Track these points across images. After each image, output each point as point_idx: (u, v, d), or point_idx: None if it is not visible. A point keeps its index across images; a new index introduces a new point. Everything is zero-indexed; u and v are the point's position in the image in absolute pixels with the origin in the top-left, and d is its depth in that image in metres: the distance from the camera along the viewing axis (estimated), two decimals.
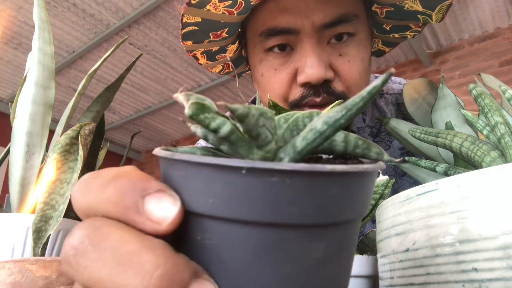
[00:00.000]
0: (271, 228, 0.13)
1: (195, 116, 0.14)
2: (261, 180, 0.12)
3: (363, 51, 0.50)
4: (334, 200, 0.13)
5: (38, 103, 0.45)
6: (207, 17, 0.48)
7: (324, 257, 0.13)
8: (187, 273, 0.13)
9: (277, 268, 0.13)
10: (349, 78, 0.49)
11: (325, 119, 0.14)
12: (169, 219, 0.13)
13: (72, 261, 0.13)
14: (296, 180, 0.12)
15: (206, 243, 0.13)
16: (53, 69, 0.47)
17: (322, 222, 0.13)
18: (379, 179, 0.46)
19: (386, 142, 0.62)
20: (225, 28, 0.52)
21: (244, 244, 0.13)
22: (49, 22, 0.46)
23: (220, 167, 0.12)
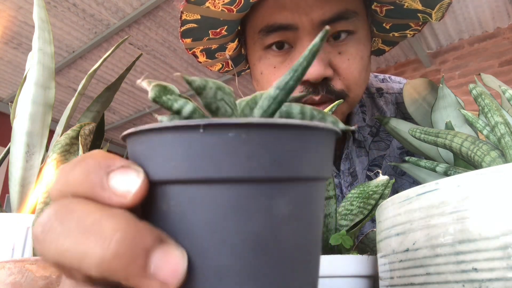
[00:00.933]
0: (232, 185, 0.13)
1: (158, 98, 0.14)
2: (218, 136, 0.13)
3: (363, 49, 0.50)
4: (290, 155, 0.13)
5: (38, 103, 0.45)
6: (206, 14, 0.48)
7: (288, 214, 0.13)
8: (149, 238, 0.13)
9: (242, 226, 0.13)
10: (349, 76, 0.49)
11: (276, 84, 0.14)
12: (133, 191, 0.13)
13: (40, 237, 0.13)
14: (251, 134, 0.13)
15: (171, 211, 0.13)
16: (53, 69, 0.47)
17: (281, 176, 0.13)
18: (379, 179, 0.46)
19: (385, 141, 0.62)
20: (225, 26, 0.51)
21: (207, 205, 0.13)
22: (49, 22, 0.46)
23: (179, 128, 0.13)
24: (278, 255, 0.13)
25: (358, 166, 0.60)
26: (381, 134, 0.62)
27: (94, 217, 0.13)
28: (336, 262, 0.36)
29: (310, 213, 0.15)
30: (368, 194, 0.43)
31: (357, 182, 0.60)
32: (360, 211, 0.42)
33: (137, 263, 0.12)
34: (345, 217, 0.44)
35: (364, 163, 0.61)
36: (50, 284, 0.32)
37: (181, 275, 0.13)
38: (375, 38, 0.61)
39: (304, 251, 0.14)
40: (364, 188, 0.45)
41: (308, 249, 0.14)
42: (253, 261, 0.13)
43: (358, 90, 0.51)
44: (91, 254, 0.12)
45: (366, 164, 0.61)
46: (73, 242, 0.13)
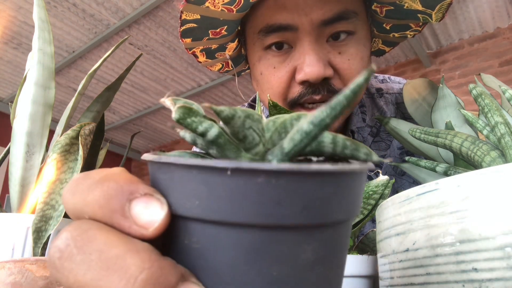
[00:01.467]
0: (258, 229, 0.12)
1: (182, 120, 0.14)
2: (246, 180, 0.12)
3: (363, 49, 0.50)
4: (321, 201, 0.13)
5: (38, 103, 0.45)
6: (206, 14, 0.48)
7: (314, 260, 0.13)
8: (173, 277, 0.12)
9: (265, 271, 0.13)
10: (349, 76, 0.49)
11: (310, 119, 0.14)
12: (156, 223, 0.13)
13: (58, 264, 0.13)
14: (281, 180, 0.12)
15: (193, 247, 0.13)
16: (53, 69, 0.47)
17: (310, 223, 0.13)
18: (379, 179, 0.46)
19: (385, 141, 0.62)
20: (224, 26, 0.51)
21: (231, 247, 0.13)
22: (49, 22, 0.46)
23: (205, 168, 0.12)
24: None
25: None
26: (381, 135, 0.62)
27: (117, 251, 0.12)
28: None
29: (336, 255, 0.14)
30: (368, 194, 0.43)
31: None
32: (360, 211, 0.42)
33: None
34: None
35: None
36: (50, 284, 0.32)
37: None
38: (375, 39, 0.61)
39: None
40: (364, 188, 0.45)
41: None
42: None
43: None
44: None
45: None
46: (95, 277, 0.12)
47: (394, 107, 0.64)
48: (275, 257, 0.13)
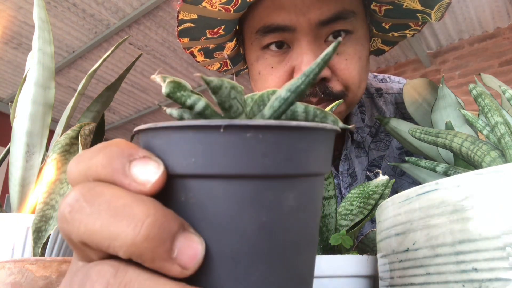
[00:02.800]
0: (248, 180, 0.14)
1: (172, 94, 0.15)
2: (237, 136, 0.14)
3: (361, 49, 0.50)
4: (300, 153, 0.15)
5: (38, 103, 0.45)
6: (203, 14, 0.48)
7: (296, 206, 0.15)
8: (175, 224, 0.14)
9: (255, 217, 0.14)
10: (347, 77, 0.49)
11: (287, 87, 0.15)
12: (153, 181, 0.14)
13: (68, 217, 0.14)
14: (267, 135, 0.14)
15: (190, 202, 0.14)
16: (53, 69, 0.47)
17: (292, 172, 0.15)
18: (379, 179, 0.46)
19: (384, 142, 0.62)
20: (222, 25, 0.51)
21: (225, 198, 0.14)
22: (49, 22, 0.46)
23: (200, 127, 0.14)
24: (285, 241, 0.15)
25: (358, 167, 0.60)
26: (380, 135, 0.62)
27: (124, 201, 0.14)
28: (336, 262, 0.36)
29: (313, 204, 0.16)
30: (368, 194, 0.43)
31: (357, 183, 0.60)
32: (360, 211, 0.42)
33: (163, 246, 0.13)
34: (345, 217, 0.44)
35: (364, 163, 0.61)
36: (50, 284, 0.32)
37: (199, 261, 0.14)
38: (374, 38, 0.61)
39: (306, 237, 0.16)
40: (364, 188, 0.45)
41: (310, 236, 0.16)
42: (264, 247, 0.14)
43: (357, 91, 0.51)
44: (122, 236, 0.13)
45: (365, 165, 0.61)
46: (104, 223, 0.13)
47: (393, 107, 0.64)
48: (264, 204, 0.14)
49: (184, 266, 0.14)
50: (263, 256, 0.14)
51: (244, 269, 0.14)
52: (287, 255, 0.15)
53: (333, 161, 0.62)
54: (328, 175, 0.41)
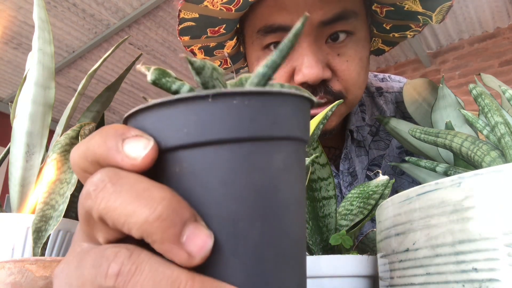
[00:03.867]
0: (238, 144, 0.15)
1: (158, 80, 0.16)
2: (224, 103, 0.15)
3: (361, 50, 0.50)
4: (283, 117, 0.16)
5: (38, 103, 0.45)
6: (204, 13, 0.48)
7: (283, 168, 0.16)
8: (187, 212, 0.15)
9: (247, 178, 0.15)
10: (347, 78, 0.49)
11: (264, 63, 0.17)
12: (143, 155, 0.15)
13: (92, 194, 0.15)
14: (252, 100, 0.15)
15: (185, 172, 0.15)
16: (53, 69, 0.47)
17: (279, 135, 0.16)
18: (379, 179, 0.46)
19: (384, 141, 0.62)
20: (223, 24, 0.51)
21: (218, 163, 0.15)
22: (49, 22, 0.46)
23: (190, 99, 0.15)
24: (277, 201, 0.16)
25: (358, 166, 0.60)
26: (380, 134, 0.62)
27: (145, 185, 0.15)
28: (336, 262, 0.36)
29: (298, 167, 0.17)
30: (368, 194, 0.43)
31: (357, 182, 0.59)
32: (360, 211, 0.42)
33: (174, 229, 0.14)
34: (345, 217, 0.44)
35: (364, 162, 0.61)
36: (50, 284, 0.32)
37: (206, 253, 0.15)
38: (375, 38, 0.61)
39: (294, 198, 0.17)
40: (364, 188, 0.45)
41: (297, 197, 0.17)
42: (259, 207, 0.15)
43: (357, 92, 0.51)
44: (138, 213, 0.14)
45: (366, 164, 0.61)
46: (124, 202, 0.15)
47: (394, 106, 0.64)
48: (255, 166, 0.15)
49: (190, 254, 0.14)
50: (258, 215, 0.15)
51: (243, 230, 0.15)
52: (279, 214, 0.16)
53: (333, 161, 0.62)
54: (328, 175, 0.41)
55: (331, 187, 0.41)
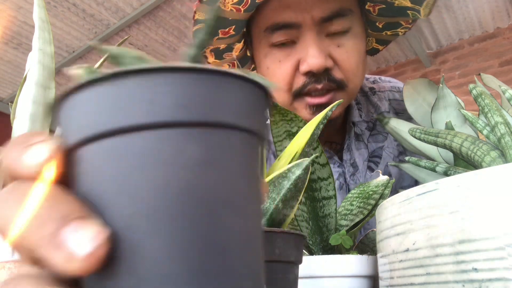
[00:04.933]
0: (139, 133, 0.13)
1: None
2: (120, 86, 0.13)
3: (359, 43, 0.55)
4: (199, 99, 0.13)
5: (39, 103, 0.45)
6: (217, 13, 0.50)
7: (203, 161, 0.13)
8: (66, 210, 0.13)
9: (152, 174, 0.13)
10: (347, 67, 0.53)
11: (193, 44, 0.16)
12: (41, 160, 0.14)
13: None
14: (151, 80, 0.13)
15: (83, 172, 0.14)
16: (53, 69, 0.47)
17: (187, 120, 0.13)
18: (379, 179, 0.46)
19: (382, 134, 0.65)
20: (233, 25, 0.56)
21: (115, 157, 0.13)
22: (49, 22, 0.46)
23: (88, 84, 0.13)
24: (193, 200, 0.13)
25: (358, 158, 0.63)
26: (378, 128, 0.66)
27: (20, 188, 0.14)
28: (336, 262, 0.36)
29: (233, 162, 0.14)
30: (368, 194, 0.43)
31: (358, 173, 0.63)
32: (360, 211, 0.42)
33: (46, 229, 0.13)
34: (345, 217, 0.44)
35: (364, 155, 0.64)
36: None
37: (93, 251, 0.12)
38: (369, 38, 0.64)
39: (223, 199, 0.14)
40: (364, 188, 0.45)
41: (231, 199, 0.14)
42: (168, 207, 0.13)
43: (356, 81, 0.55)
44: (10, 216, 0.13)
45: (366, 156, 0.64)
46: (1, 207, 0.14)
47: (387, 103, 0.68)
48: (162, 158, 0.13)
49: (71, 254, 0.12)
50: (165, 218, 0.13)
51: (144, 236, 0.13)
52: (197, 217, 0.13)
53: (337, 152, 0.65)
54: (328, 175, 0.41)
55: (331, 187, 0.41)
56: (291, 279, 0.28)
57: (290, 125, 0.39)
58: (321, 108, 0.53)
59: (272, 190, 0.28)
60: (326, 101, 0.53)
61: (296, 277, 0.29)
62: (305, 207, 0.41)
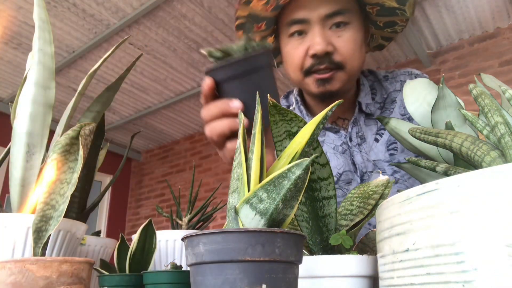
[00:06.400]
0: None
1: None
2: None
3: (356, 35, 0.70)
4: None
5: (39, 103, 0.45)
6: (251, 12, 0.72)
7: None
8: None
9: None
10: (344, 52, 0.69)
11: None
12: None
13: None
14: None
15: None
16: (53, 69, 0.46)
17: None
18: (379, 179, 0.46)
19: (389, 110, 0.81)
20: (264, 21, 0.74)
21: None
22: (49, 22, 0.46)
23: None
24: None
25: (367, 132, 0.79)
26: (386, 105, 0.82)
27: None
28: (336, 262, 0.36)
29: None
30: (368, 194, 0.43)
31: (365, 143, 0.78)
32: (360, 211, 0.42)
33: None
34: (345, 217, 0.44)
35: (373, 130, 0.80)
36: (51, 284, 0.32)
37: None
38: (375, 35, 0.80)
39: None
40: (364, 188, 0.45)
41: None
42: None
43: (353, 63, 0.70)
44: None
45: (375, 130, 0.80)
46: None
47: (399, 84, 0.83)
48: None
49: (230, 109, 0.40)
50: None
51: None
52: None
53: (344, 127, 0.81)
54: (328, 175, 0.41)
55: (331, 187, 0.41)
56: (291, 279, 0.28)
57: (290, 125, 0.39)
58: (325, 82, 0.69)
59: (272, 190, 0.28)
60: (328, 76, 0.69)
61: (296, 277, 0.29)
62: (305, 207, 0.41)
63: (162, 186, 4.41)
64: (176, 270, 0.54)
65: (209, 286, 0.26)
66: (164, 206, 4.26)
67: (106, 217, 4.38)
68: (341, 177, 0.78)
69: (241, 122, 0.33)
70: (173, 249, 0.68)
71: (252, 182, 0.29)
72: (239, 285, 0.25)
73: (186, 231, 0.72)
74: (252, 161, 0.30)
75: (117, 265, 0.59)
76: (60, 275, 0.32)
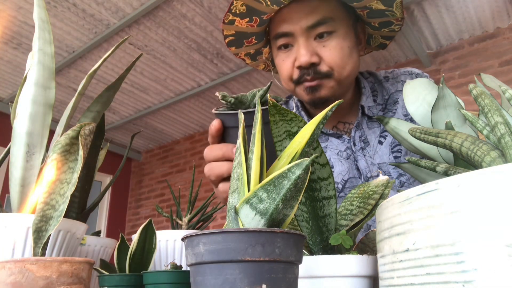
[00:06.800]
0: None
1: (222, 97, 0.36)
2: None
3: (342, 42, 0.70)
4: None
5: (38, 103, 0.45)
6: (237, 30, 0.74)
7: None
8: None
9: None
10: (331, 61, 0.70)
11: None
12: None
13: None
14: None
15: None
16: (53, 69, 0.46)
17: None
18: (379, 179, 0.46)
19: (392, 111, 0.81)
20: (253, 36, 0.76)
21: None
22: (49, 22, 0.46)
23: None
24: None
25: (370, 135, 0.79)
26: (388, 107, 0.82)
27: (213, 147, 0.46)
28: (336, 262, 0.36)
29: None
30: (368, 194, 0.43)
31: (369, 147, 0.78)
32: (360, 211, 0.42)
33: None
34: (345, 217, 0.44)
35: (376, 132, 0.80)
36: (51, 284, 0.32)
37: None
38: (375, 35, 0.79)
39: None
40: (364, 188, 0.45)
41: None
42: None
43: (342, 70, 0.71)
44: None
45: (378, 133, 0.80)
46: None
47: (400, 84, 0.83)
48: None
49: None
50: None
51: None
52: None
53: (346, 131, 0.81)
54: (328, 175, 0.41)
55: (331, 187, 0.41)
56: (291, 279, 0.28)
57: (290, 125, 0.39)
58: (313, 90, 0.70)
59: (272, 190, 0.28)
60: (315, 84, 0.70)
61: (296, 277, 0.29)
62: (305, 207, 0.41)
63: (162, 186, 4.41)
64: (176, 270, 0.54)
65: (209, 286, 0.26)
66: (164, 206, 4.26)
67: (106, 217, 4.38)
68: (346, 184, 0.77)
69: (241, 122, 0.33)
70: (173, 249, 0.68)
71: (252, 182, 0.29)
72: (239, 285, 0.25)
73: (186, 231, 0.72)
74: (252, 161, 0.30)
75: (117, 265, 0.59)
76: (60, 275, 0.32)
